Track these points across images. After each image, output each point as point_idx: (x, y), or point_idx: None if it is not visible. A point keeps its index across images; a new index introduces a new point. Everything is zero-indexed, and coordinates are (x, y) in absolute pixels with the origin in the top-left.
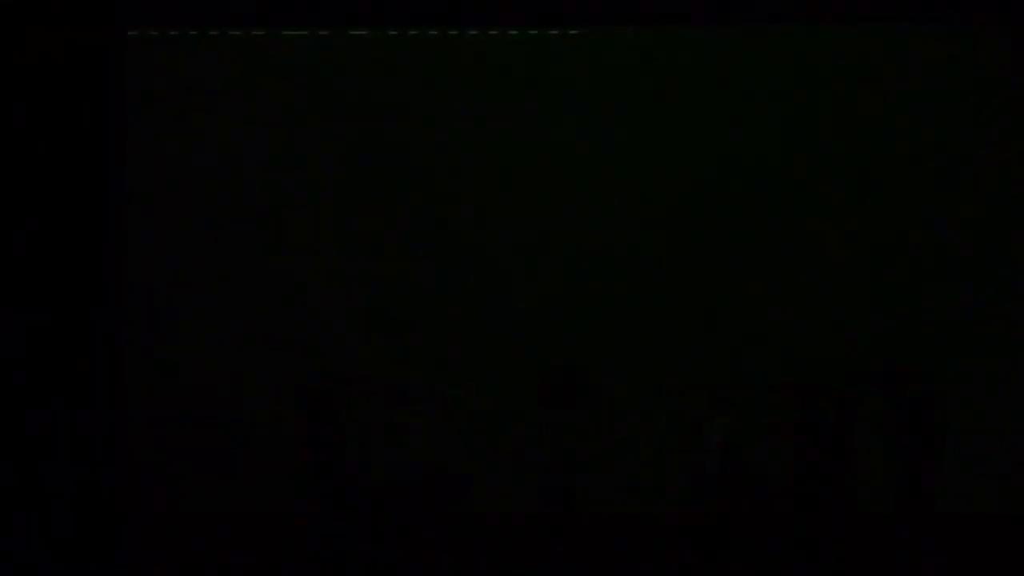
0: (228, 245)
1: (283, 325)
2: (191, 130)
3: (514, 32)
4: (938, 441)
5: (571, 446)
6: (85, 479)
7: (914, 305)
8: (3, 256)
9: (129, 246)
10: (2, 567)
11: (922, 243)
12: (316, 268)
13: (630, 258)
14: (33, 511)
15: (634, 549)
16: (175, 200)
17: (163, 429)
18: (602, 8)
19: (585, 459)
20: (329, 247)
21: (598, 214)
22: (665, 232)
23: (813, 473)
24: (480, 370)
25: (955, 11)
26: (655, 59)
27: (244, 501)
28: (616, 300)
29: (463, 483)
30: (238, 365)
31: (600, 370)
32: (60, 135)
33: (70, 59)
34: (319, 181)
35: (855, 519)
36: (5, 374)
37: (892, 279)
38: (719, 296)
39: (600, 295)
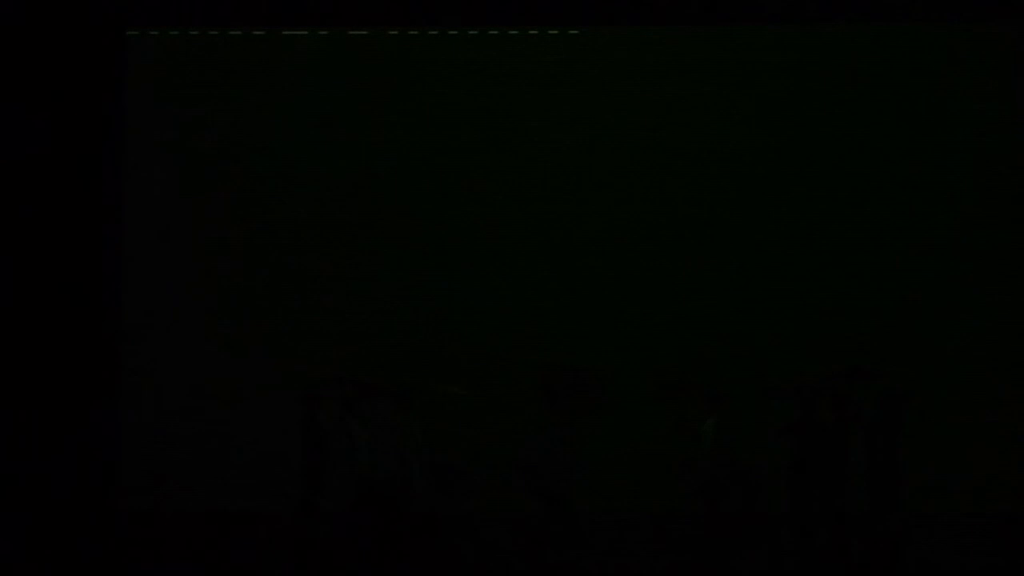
0: (227, 246)
1: (283, 325)
2: (191, 130)
3: (514, 32)
4: (935, 441)
5: (571, 446)
6: (85, 479)
7: (914, 305)
8: (2, 256)
9: (128, 247)
10: (2, 567)
11: (922, 243)
12: (316, 268)
13: (630, 258)
14: (33, 511)
15: (634, 549)
16: (175, 200)
17: (163, 429)
18: (602, 8)
19: (585, 459)
20: (329, 247)
21: (598, 214)
22: (666, 232)
23: (811, 473)
24: (480, 370)
25: (955, 11)
26: (655, 59)
27: (244, 501)
28: (616, 300)
29: (463, 483)
30: (238, 365)
31: (600, 370)
32: (60, 135)
33: (70, 59)
34: (319, 181)
35: (853, 519)
36: (5, 374)
37: (892, 279)
38: (719, 296)
39: (600, 295)
